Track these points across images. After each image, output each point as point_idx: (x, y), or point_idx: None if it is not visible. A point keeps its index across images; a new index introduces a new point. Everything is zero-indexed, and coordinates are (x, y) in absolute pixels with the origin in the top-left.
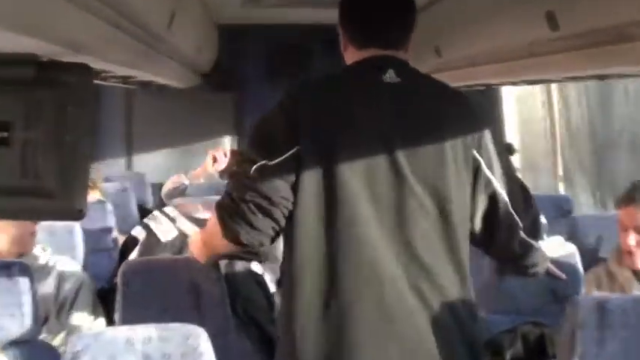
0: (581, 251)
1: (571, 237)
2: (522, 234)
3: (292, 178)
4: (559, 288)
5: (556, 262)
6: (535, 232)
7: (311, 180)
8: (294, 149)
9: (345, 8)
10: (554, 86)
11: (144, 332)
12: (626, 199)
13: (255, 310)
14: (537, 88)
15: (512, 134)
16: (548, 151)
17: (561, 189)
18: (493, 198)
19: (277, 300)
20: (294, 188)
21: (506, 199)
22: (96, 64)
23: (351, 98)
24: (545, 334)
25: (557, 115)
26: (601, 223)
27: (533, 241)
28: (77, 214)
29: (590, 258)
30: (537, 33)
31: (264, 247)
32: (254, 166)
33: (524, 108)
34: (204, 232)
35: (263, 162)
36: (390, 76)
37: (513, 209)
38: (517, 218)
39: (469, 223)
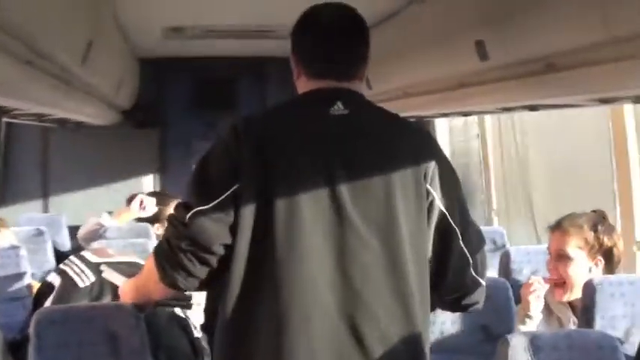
0: (515, 284)
1: (505, 270)
2: (472, 271)
3: (230, 218)
4: (491, 325)
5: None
6: (483, 269)
7: (249, 219)
8: (234, 187)
9: (298, 38)
10: (487, 118)
11: None
12: (554, 225)
13: (178, 357)
14: (471, 120)
15: None
16: (482, 184)
17: (496, 222)
18: (447, 232)
19: (204, 344)
20: (233, 227)
21: (459, 234)
22: (6, 102)
23: (295, 133)
24: None
25: (490, 148)
26: (534, 256)
27: (480, 279)
28: None
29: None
30: (467, 63)
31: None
32: (189, 213)
33: (457, 140)
34: (139, 278)
35: (200, 208)
36: (337, 107)
37: (465, 245)
38: (468, 254)
39: (427, 257)
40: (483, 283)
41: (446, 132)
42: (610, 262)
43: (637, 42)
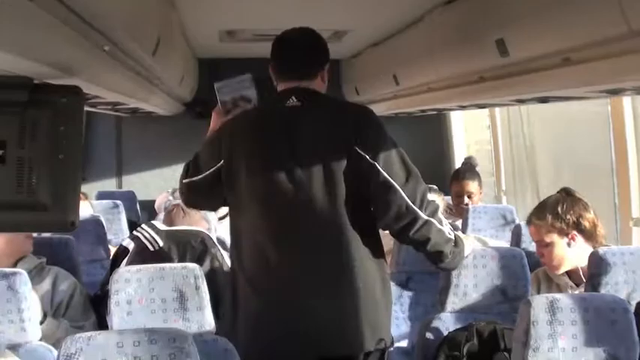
0: (527, 253)
1: (516, 242)
2: (408, 202)
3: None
4: (508, 288)
5: (507, 264)
6: (422, 205)
7: (237, 189)
8: (219, 164)
9: (272, 53)
10: (497, 111)
11: (133, 336)
12: (527, 221)
13: None
14: (483, 113)
15: (460, 154)
16: (493, 169)
17: (504, 201)
18: (377, 177)
19: None
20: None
21: (393, 181)
22: (87, 88)
23: (259, 122)
24: (497, 330)
25: (500, 137)
26: None
27: (419, 211)
28: (70, 227)
29: (534, 261)
30: (488, 60)
31: None
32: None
33: (471, 131)
34: None
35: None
36: (292, 100)
37: (404, 191)
38: (398, 187)
39: (360, 208)
40: (427, 217)
41: (461, 124)
42: (583, 231)
43: None
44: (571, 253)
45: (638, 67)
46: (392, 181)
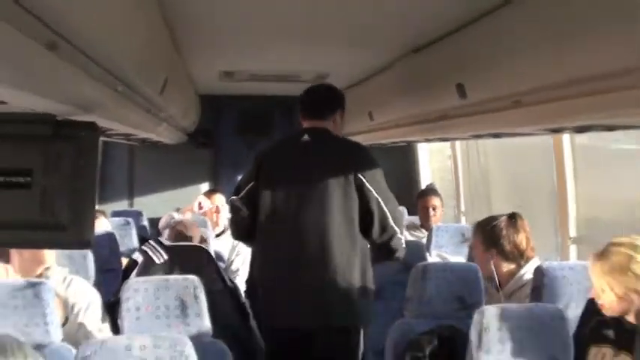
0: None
1: (472, 257)
2: (391, 221)
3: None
4: (465, 297)
5: (464, 276)
6: (398, 223)
7: (263, 200)
8: (252, 183)
9: (300, 100)
10: (458, 143)
11: (140, 340)
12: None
13: (230, 319)
14: (445, 145)
15: (425, 179)
16: (454, 192)
17: (463, 220)
18: (373, 200)
19: (248, 308)
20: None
21: (381, 200)
22: (102, 123)
23: (283, 153)
24: (456, 334)
25: (460, 165)
26: None
27: (397, 228)
28: (86, 244)
29: None
30: (449, 101)
31: None
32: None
33: (435, 160)
34: None
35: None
36: (305, 138)
37: (385, 206)
38: (387, 211)
39: (354, 215)
40: (399, 234)
41: (427, 153)
42: (502, 252)
43: (586, 83)
44: (490, 265)
45: (577, 110)
46: (381, 202)
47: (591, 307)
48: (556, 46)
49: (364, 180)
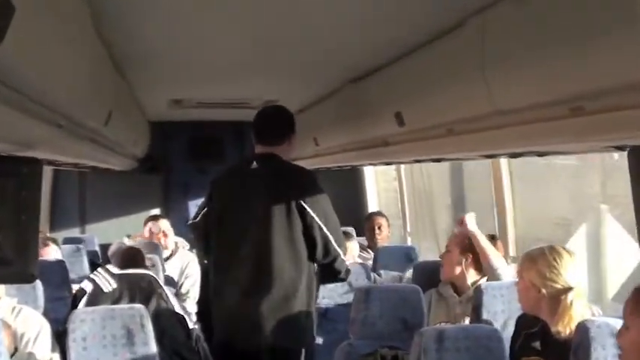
0: (424, 285)
1: (417, 277)
2: (334, 244)
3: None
4: (408, 319)
5: (407, 298)
6: (340, 245)
7: (214, 226)
8: (205, 209)
9: (253, 122)
10: (402, 166)
11: None
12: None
13: (177, 344)
14: (390, 168)
15: (372, 201)
16: (399, 213)
17: (409, 241)
18: (315, 224)
19: (198, 332)
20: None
21: (324, 225)
22: (47, 157)
23: (232, 181)
24: (399, 355)
25: (405, 187)
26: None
27: (340, 251)
28: (31, 278)
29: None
30: (389, 129)
31: None
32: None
33: (382, 180)
34: None
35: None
36: (254, 165)
37: (327, 230)
38: (329, 234)
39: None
40: (342, 256)
41: (373, 175)
42: (474, 260)
43: (514, 114)
44: (458, 268)
45: (508, 139)
46: (323, 226)
47: (521, 322)
48: (485, 77)
49: (305, 206)
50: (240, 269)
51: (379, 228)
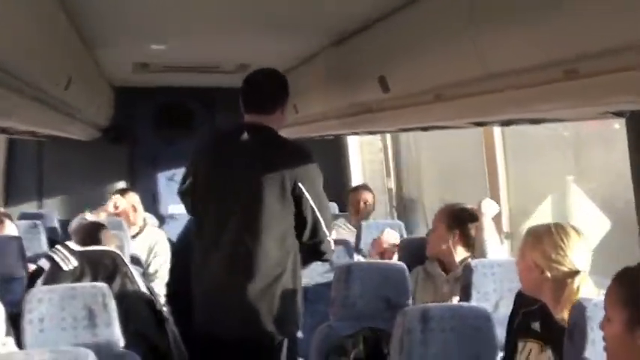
0: (410, 264)
1: (403, 255)
2: (323, 227)
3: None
4: (391, 298)
5: (391, 276)
6: (328, 228)
7: (198, 201)
8: (191, 179)
9: (241, 87)
10: (388, 135)
11: (40, 355)
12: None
13: (143, 326)
14: (376, 137)
15: (356, 173)
16: (385, 187)
17: (395, 216)
18: (308, 205)
19: (167, 315)
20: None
21: (315, 206)
22: (3, 124)
23: (220, 152)
24: (381, 337)
25: (391, 158)
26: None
27: (328, 233)
28: None
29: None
30: (372, 94)
31: None
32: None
33: (367, 152)
34: None
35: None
36: (244, 136)
37: (318, 211)
38: (320, 216)
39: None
40: (329, 237)
41: (357, 146)
42: (464, 235)
43: (505, 77)
44: (445, 244)
45: (499, 105)
46: (316, 209)
47: (519, 301)
48: (474, 38)
49: (303, 188)
50: (225, 249)
51: (364, 203)
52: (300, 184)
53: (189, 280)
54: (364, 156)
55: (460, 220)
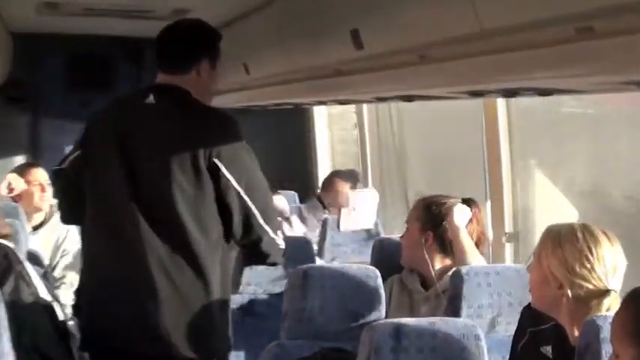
0: (386, 273)
1: (376, 258)
2: (259, 219)
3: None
4: (361, 311)
5: (360, 284)
6: (270, 221)
7: (89, 181)
8: (77, 153)
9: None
10: (365, 108)
11: None
12: None
13: (42, 341)
14: (349, 110)
15: (324, 155)
16: (360, 174)
17: None
18: (232, 192)
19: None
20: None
21: (244, 192)
22: None
23: (118, 120)
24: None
25: (368, 137)
26: None
27: (268, 227)
28: None
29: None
30: (343, 51)
31: None
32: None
33: (336, 129)
34: None
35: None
36: (149, 99)
37: (250, 200)
38: (252, 205)
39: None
40: (272, 234)
41: (324, 120)
42: (440, 238)
43: (506, 36)
44: (419, 251)
45: (499, 70)
46: (245, 195)
47: (527, 317)
48: None
49: (219, 164)
50: (124, 248)
51: (337, 193)
52: (216, 161)
53: None
54: (334, 133)
55: (434, 220)
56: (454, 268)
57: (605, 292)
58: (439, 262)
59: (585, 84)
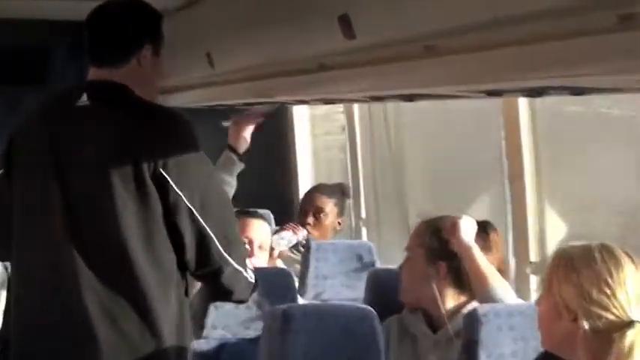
0: (383, 311)
1: (371, 293)
2: (219, 247)
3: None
4: (357, 357)
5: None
6: (235, 250)
7: (15, 206)
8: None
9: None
10: (356, 108)
11: None
12: None
13: None
14: (336, 110)
15: (305, 164)
16: (350, 188)
17: (364, 235)
18: (184, 212)
19: None
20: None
21: (197, 214)
22: None
23: (44, 129)
24: None
25: (359, 143)
26: None
27: (230, 259)
28: None
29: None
30: (329, 42)
31: None
32: None
33: (320, 133)
34: None
35: None
36: (82, 100)
37: (206, 223)
38: (210, 232)
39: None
40: (235, 266)
41: (306, 123)
42: (455, 270)
43: (530, 23)
44: (426, 286)
45: (519, 64)
46: (199, 216)
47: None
48: None
49: (167, 176)
50: (57, 284)
51: (320, 213)
52: (162, 172)
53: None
54: (317, 139)
55: (444, 249)
56: (470, 307)
57: (629, 324)
58: (452, 300)
59: (624, 81)
